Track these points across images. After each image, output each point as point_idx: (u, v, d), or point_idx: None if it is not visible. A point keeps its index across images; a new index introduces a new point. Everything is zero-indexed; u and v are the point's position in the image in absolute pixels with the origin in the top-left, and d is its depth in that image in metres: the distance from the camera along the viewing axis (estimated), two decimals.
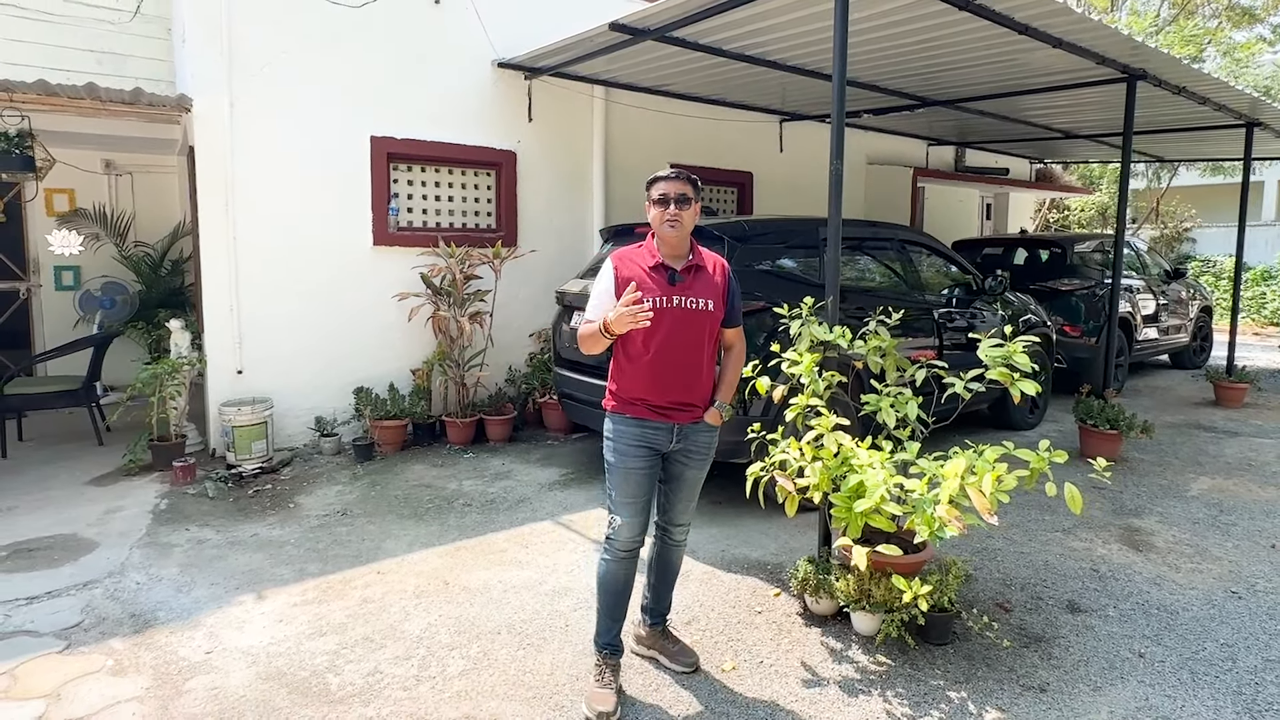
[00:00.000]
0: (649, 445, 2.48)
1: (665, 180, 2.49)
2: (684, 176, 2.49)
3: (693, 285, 2.48)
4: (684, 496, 2.62)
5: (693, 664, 2.66)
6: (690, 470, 2.58)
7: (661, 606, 2.75)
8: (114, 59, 5.82)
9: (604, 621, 2.54)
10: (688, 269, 2.50)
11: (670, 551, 2.70)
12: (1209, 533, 3.93)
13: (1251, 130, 7.07)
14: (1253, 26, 20.14)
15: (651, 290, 2.41)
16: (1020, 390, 2.74)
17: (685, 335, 2.45)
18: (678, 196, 2.45)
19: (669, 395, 2.46)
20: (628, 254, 2.54)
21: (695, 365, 2.49)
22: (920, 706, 2.46)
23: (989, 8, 4.03)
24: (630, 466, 2.46)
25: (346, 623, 2.98)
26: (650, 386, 2.45)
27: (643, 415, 2.47)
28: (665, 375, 2.44)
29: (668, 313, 2.42)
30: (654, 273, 2.46)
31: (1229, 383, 7.01)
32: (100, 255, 6.63)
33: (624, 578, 2.52)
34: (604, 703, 2.38)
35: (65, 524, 3.94)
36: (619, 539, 2.49)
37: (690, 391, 2.49)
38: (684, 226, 2.46)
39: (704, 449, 2.58)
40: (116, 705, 2.46)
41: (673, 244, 2.49)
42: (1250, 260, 17.09)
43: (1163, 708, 2.46)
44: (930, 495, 2.57)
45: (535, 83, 6.20)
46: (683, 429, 2.50)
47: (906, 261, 5.32)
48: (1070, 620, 3.02)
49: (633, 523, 2.48)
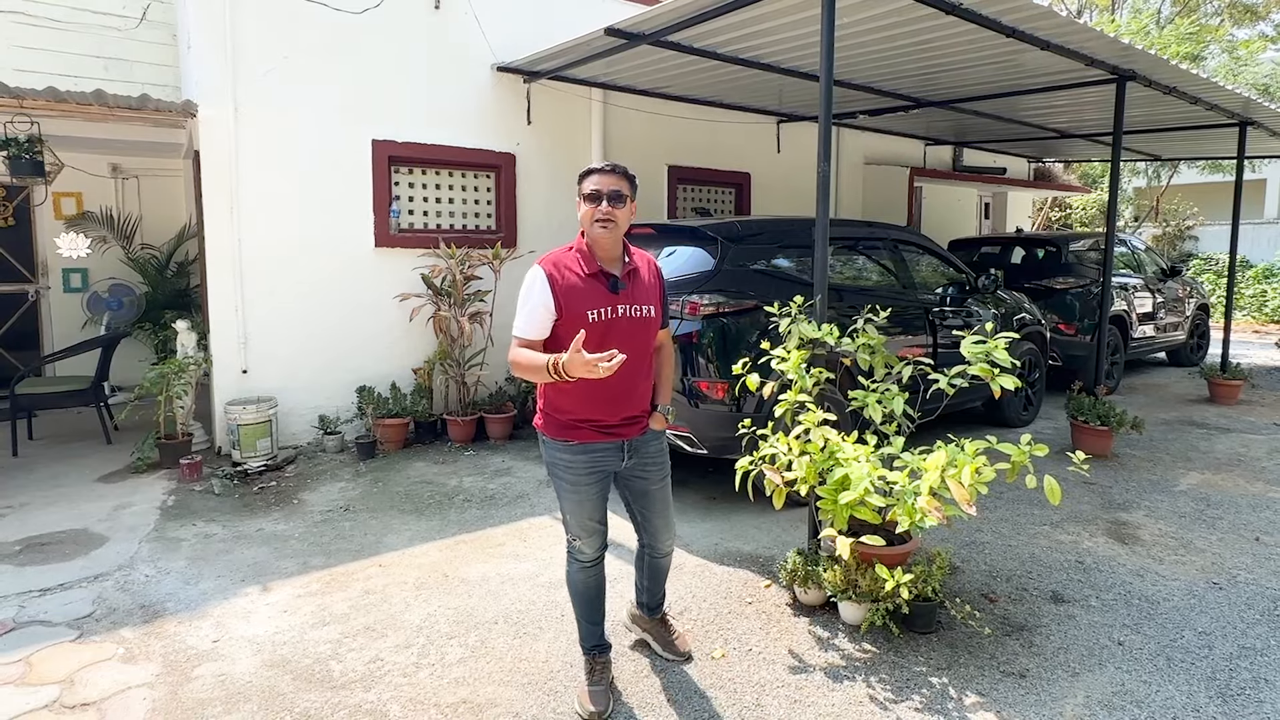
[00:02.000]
0: (599, 469, 2.33)
1: (598, 174, 2.24)
2: (620, 170, 2.26)
3: (634, 292, 2.29)
4: (658, 512, 2.50)
5: (684, 655, 2.68)
6: (653, 485, 2.46)
7: (655, 600, 2.76)
8: (121, 65, 5.93)
9: (584, 627, 2.50)
10: (627, 274, 2.29)
11: (659, 563, 2.64)
12: (1195, 526, 4.00)
13: (1245, 129, 7.12)
14: (1255, 24, 20.14)
15: (593, 301, 2.22)
16: (1000, 385, 2.82)
17: (633, 346, 2.22)
18: (611, 193, 2.21)
19: (620, 412, 2.30)
20: (559, 260, 2.26)
21: (642, 375, 2.34)
22: (902, 691, 2.54)
23: (976, 11, 4.11)
24: (584, 495, 2.32)
25: (349, 613, 3.08)
26: (601, 406, 2.27)
27: (590, 439, 2.29)
28: (616, 391, 2.25)
29: (616, 324, 2.23)
30: (592, 280, 2.24)
31: (1224, 379, 7.06)
32: (107, 258, 6.75)
33: (594, 584, 2.48)
34: (596, 702, 2.37)
35: (76, 519, 4.04)
36: (583, 555, 2.42)
37: (640, 403, 2.37)
38: (618, 228, 2.24)
39: (657, 457, 2.46)
40: (128, 691, 2.56)
41: (606, 246, 2.26)
42: (1253, 258, 17.12)
43: (1138, 692, 2.54)
44: (912, 487, 2.65)
45: (534, 86, 6.29)
46: (632, 444, 2.36)
47: (900, 261, 5.40)
48: (1053, 610, 3.10)
49: (594, 541, 2.41)
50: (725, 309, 4.14)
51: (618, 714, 2.42)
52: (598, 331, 2.20)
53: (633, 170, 2.33)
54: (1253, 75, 14.08)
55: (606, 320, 2.23)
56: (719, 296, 4.17)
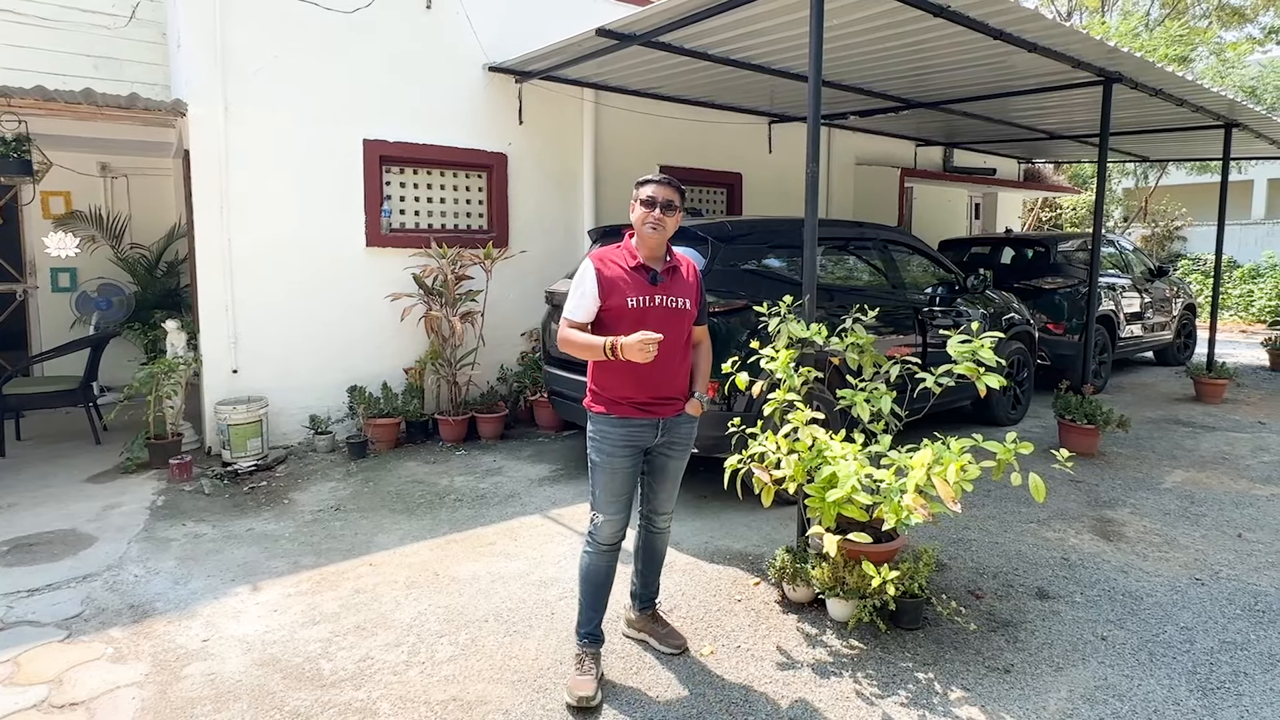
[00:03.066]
0: (634, 444, 2.57)
1: (655, 184, 2.56)
2: (674, 184, 2.57)
3: (672, 285, 2.58)
4: (667, 487, 2.73)
5: (680, 646, 2.78)
6: (674, 461, 2.69)
7: (649, 592, 2.87)
8: (110, 64, 5.91)
9: (585, 612, 2.62)
10: (667, 270, 2.59)
11: (655, 539, 2.81)
12: (1179, 523, 4.05)
13: (1230, 131, 7.20)
14: (1242, 26, 20.35)
15: (634, 290, 2.51)
16: (986, 384, 2.85)
17: (668, 334, 2.51)
18: (665, 201, 2.53)
19: (654, 392, 2.55)
20: (607, 254, 2.60)
21: (677, 361, 2.60)
22: (889, 687, 2.57)
23: (964, 14, 4.15)
24: (617, 466, 2.55)
25: (339, 612, 3.08)
26: (637, 385, 2.52)
27: (628, 414, 2.54)
28: (651, 373, 2.51)
29: (651, 312, 2.52)
30: (635, 273, 2.54)
31: (1209, 378, 7.14)
32: (96, 257, 6.72)
33: (605, 571, 2.61)
34: (585, 688, 2.45)
35: (64, 520, 4.03)
36: (601, 535, 2.58)
37: (673, 386, 2.60)
38: (665, 231, 2.54)
39: (685, 439, 2.70)
40: (117, 690, 2.56)
41: (652, 246, 2.57)
42: (1241, 258, 17.29)
43: (1120, 686, 2.57)
44: (898, 485, 2.68)
45: (525, 86, 6.30)
46: (666, 423, 2.60)
47: (890, 261, 5.44)
48: (1038, 606, 3.13)
49: (615, 519, 2.57)
50: (715, 308, 4.16)
51: (606, 711, 2.44)
52: (635, 317, 2.50)
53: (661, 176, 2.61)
54: (1240, 78, 14.21)
55: (644, 308, 2.51)
56: (709, 296, 4.15)
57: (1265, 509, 4.26)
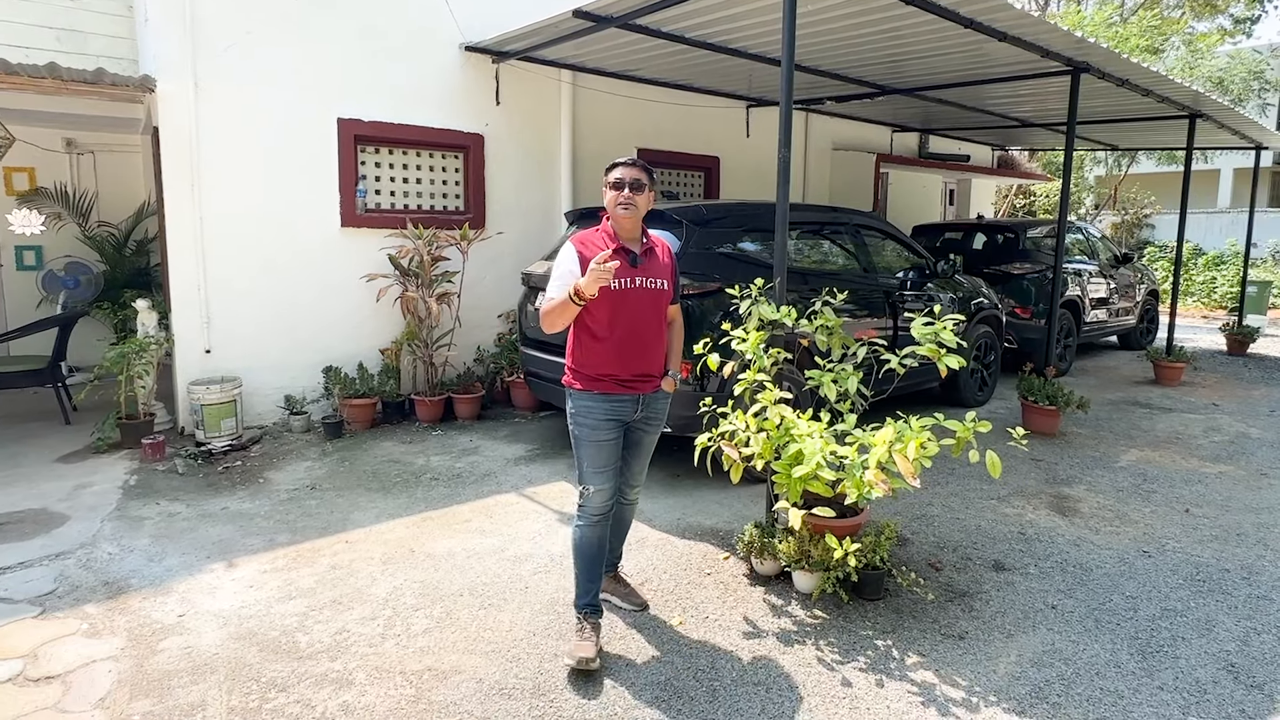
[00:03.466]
0: (617, 418, 2.68)
1: (622, 166, 2.65)
2: (640, 164, 2.66)
3: (650, 266, 2.67)
4: (641, 460, 2.86)
5: (641, 604, 2.97)
6: (648, 436, 2.83)
7: (614, 557, 3.07)
8: (74, 36, 5.75)
9: (583, 584, 2.71)
10: (645, 251, 2.68)
11: (624, 510, 2.96)
12: (1131, 499, 4.23)
13: (1194, 121, 7.38)
14: (1214, 17, 20.70)
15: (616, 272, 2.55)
16: (947, 365, 2.96)
17: (646, 313, 2.65)
18: (632, 182, 2.61)
19: (633, 368, 2.65)
20: (587, 237, 2.68)
21: (654, 339, 2.71)
22: (849, 653, 2.69)
23: (934, 2, 4.21)
24: (602, 439, 2.66)
25: (315, 587, 3.13)
26: (617, 362, 2.63)
27: (610, 390, 2.65)
28: (631, 351, 2.63)
29: (631, 292, 2.61)
30: (616, 255, 2.59)
31: (1168, 362, 7.37)
32: (63, 235, 6.59)
33: (598, 542, 2.71)
34: (586, 650, 2.54)
35: (35, 499, 4.01)
36: (591, 505, 2.68)
37: (651, 363, 2.71)
38: (637, 210, 2.62)
39: (660, 415, 2.84)
40: (93, 664, 2.58)
41: (627, 227, 2.65)
42: (1207, 246, 17.74)
43: (1066, 651, 2.71)
44: (860, 461, 2.78)
45: (503, 66, 6.27)
46: (645, 398, 2.71)
47: (862, 245, 5.54)
48: (994, 577, 3.27)
49: (604, 489, 2.68)
50: (689, 291, 4.22)
51: (579, 675, 2.52)
52: (616, 297, 2.57)
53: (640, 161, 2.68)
54: (1209, 68, 14.50)
55: (624, 289, 2.58)
56: (683, 278, 4.21)
57: (1213, 485, 4.46)
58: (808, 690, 2.48)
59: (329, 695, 2.43)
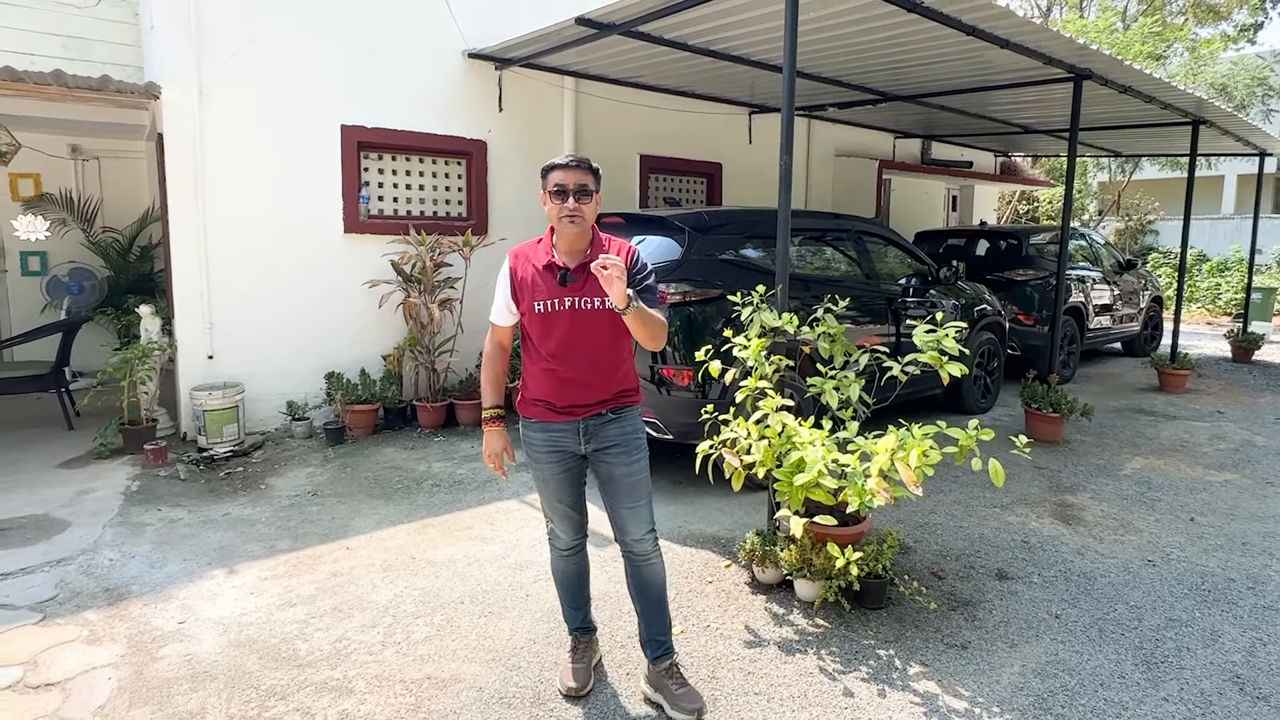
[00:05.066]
0: (558, 448, 2.34)
1: (562, 169, 2.22)
2: (584, 165, 2.25)
3: (586, 284, 2.22)
4: (623, 500, 2.35)
5: (695, 710, 2.33)
6: (618, 468, 2.33)
7: (654, 635, 2.45)
8: (80, 44, 5.79)
9: (566, 610, 2.57)
10: (581, 267, 2.24)
11: (639, 570, 2.41)
12: (1135, 507, 4.20)
13: (1197, 128, 7.37)
14: (1218, 23, 20.71)
15: (541, 293, 2.25)
16: (948, 372, 2.95)
17: (582, 337, 2.25)
18: (577, 189, 2.20)
19: (566, 398, 2.31)
20: (525, 251, 2.34)
21: (597, 366, 2.30)
22: (851, 663, 2.67)
23: (936, 10, 4.21)
24: (546, 474, 2.37)
25: (316, 594, 3.12)
26: (549, 389, 2.31)
27: (545, 417, 2.33)
28: (563, 378, 2.28)
29: (559, 316, 2.24)
30: (545, 272, 2.26)
31: (1172, 369, 7.34)
32: (67, 241, 6.62)
33: (574, 572, 2.51)
34: (575, 678, 2.45)
35: (37, 505, 4.01)
36: (558, 541, 2.48)
37: (591, 392, 2.31)
38: (584, 221, 2.22)
39: (623, 441, 2.33)
40: (93, 671, 2.58)
41: (571, 239, 2.25)
42: (1211, 252, 17.71)
43: (1070, 661, 2.69)
44: (862, 469, 2.77)
45: (505, 73, 6.29)
46: (587, 425, 2.32)
47: (864, 252, 5.53)
48: (997, 586, 3.25)
49: (564, 524, 2.43)
50: (691, 297, 4.23)
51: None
52: (542, 322, 2.27)
53: (596, 163, 2.31)
54: (1211, 75, 14.50)
55: (550, 313, 2.25)
56: (685, 285, 4.25)
57: (1218, 494, 4.43)
58: (809, 700, 2.46)
59: (328, 703, 2.42)
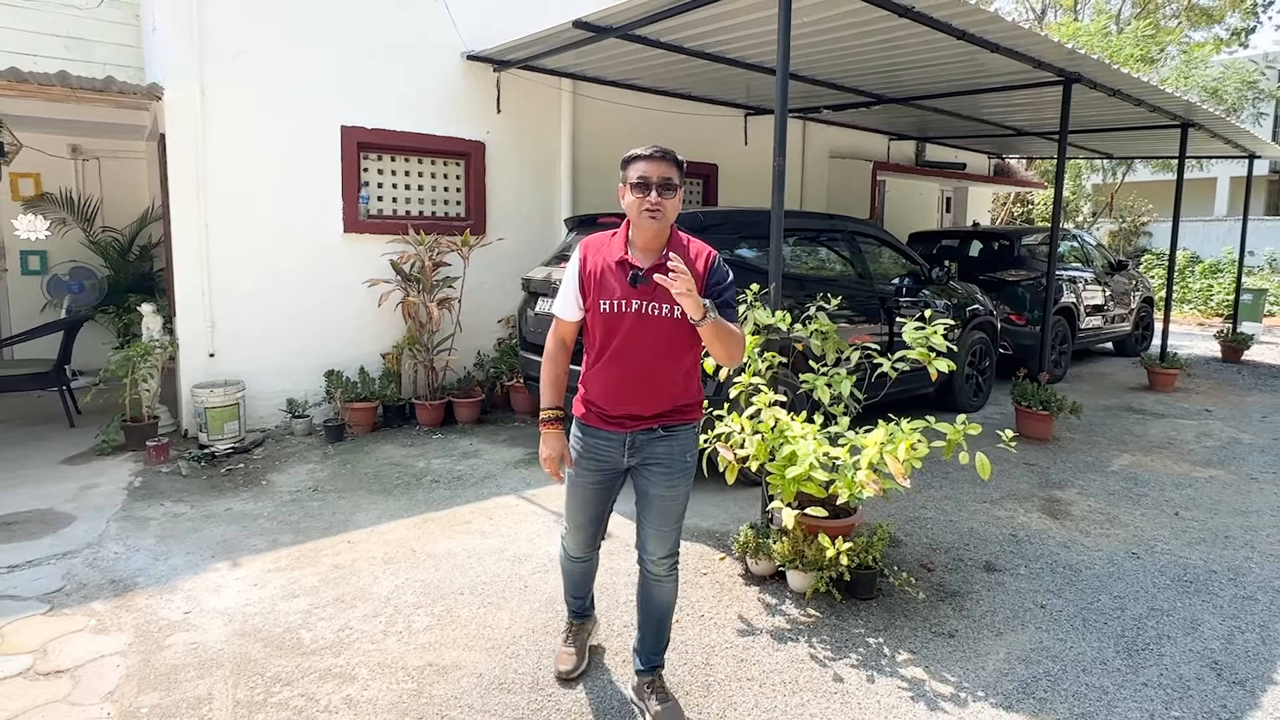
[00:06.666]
0: (598, 458, 2.24)
1: (646, 160, 2.06)
2: (670, 156, 2.08)
3: (657, 288, 2.03)
4: (653, 521, 2.24)
5: None
6: (654, 488, 2.21)
7: (646, 648, 2.37)
8: (82, 45, 5.85)
9: (567, 596, 2.64)
10: (655, 268, 2.07)
11: (649, 587, 2.32)
12: (1122, 503, 4.29)
13: (1186, 130, 7.48)
14: (1211, 27, 20.88)
15: (611, 291, 2.12)
16: (937, 368, 3.03)
17: (644, 343, 2.11)
18: (661, 182, 2.05)
19: (621, 406, 2.18)
20: (598, 243, 2.22)
21: (658, 377, 2.15)
22: (840, 650, 2.74)
23: (928, 15, 4.30)
24: (578, 480, 2.27)
25: (318, 586, 3.18)
26: (604, 393, 2.19)
27: (594, 423, 2.23)
28: (620, 384, 2.16)
29: (624, 318, 2.11)
30: (617, 269, 2.12)
31: (1162, 368, 7.44)
32: (68, 240, 6.67)
33: (579, 572, 2.53)
34: (564, 662, 2.53)
35: (42, 500, 4.07)
36: (568, 544, 2.46)
37: (651, 403, 2.17)
38: (666, 218, 2.07)
39: (668, 462, 2.20)
40: (101, 659, 2.64)
41: (649, 236, 2.11)
42: (1203, 253, 17.86)
43: (1054, 648, 2.77)
44: (852, 462, 2.85)
45: (504, 75, 6.36)
46: (635, 439, 2.19)
47: (858, 252, 5.61)
48: (984, 578, 3.33)
49: (578, 534, 2.36)
50: None
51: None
52: (606, 323, 2.14)
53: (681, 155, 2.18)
54: (1203, 78, 14.62)
55: (615, 313, 2.12)
56: None
57: (1203, 489, 4.52)
58: (800, 685, 2.53)
59: (332, 689, 2.48)
